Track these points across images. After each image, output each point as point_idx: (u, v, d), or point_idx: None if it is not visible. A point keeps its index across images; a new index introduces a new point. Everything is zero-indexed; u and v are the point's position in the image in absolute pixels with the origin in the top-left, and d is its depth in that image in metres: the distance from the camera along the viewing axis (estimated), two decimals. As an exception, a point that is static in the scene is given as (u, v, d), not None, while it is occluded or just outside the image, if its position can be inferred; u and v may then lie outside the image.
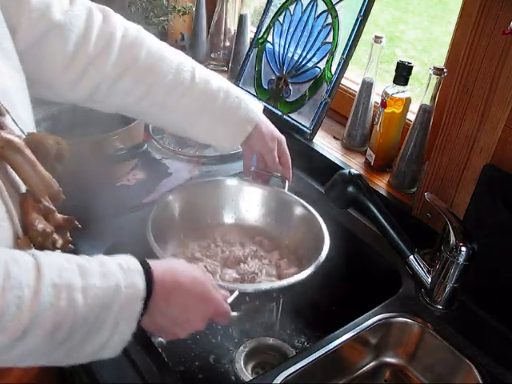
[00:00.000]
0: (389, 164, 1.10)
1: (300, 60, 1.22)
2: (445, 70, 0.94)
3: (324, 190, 0.90)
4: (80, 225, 0.63)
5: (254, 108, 0.90)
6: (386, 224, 0.84)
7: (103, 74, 0.79)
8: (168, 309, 0.61)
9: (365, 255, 0.97)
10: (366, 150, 1.13)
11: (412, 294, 0.86)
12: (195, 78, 0.84)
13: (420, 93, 1.05)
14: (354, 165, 1.13)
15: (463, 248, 0.77)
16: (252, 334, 0.96)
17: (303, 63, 1.22)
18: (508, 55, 0.77)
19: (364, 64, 1.13)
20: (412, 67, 1.01)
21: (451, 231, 0.78)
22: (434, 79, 0.95)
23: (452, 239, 0.78)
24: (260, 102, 0.93)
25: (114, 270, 0.57)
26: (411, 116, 1.05)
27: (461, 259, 0.78)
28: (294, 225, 0.94)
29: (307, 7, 1.22)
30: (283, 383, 0.70)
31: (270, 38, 1.30)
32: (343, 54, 1.14)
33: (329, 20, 1.17)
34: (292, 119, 1.22)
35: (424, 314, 0.82)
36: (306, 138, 1.18)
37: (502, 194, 0.80)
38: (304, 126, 1.19)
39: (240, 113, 0.88)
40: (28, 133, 0.60)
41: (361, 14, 1.11)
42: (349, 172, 0.86)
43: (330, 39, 1.17)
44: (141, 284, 0.57)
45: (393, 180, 1.06)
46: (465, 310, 0.84)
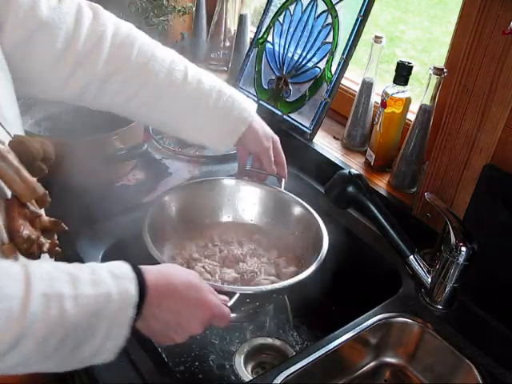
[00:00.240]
0: (389, 164, 1.10)
1: (300, 60, 1.22)
2: (445, 70, 0.94)
3: (324, 190, 0.90)
4: (67, 227, 0.63)
5: (248, 107, 0.89)
6: (386, 224, 0.84)
7: (93, 73, 0.78)
8: (161, 313, 0.61)
9: (365, 255, 0.97)
10: (366, 150, 1.13)
11: (412, 294, 0.86)
12: (187, 78, 0.84)
13: (420, 93, 1.05)
14: (354, 165, 1.13)
15: (463, 248, 0.77)
16: (252, 334, 0.96)
17: (303, 63, 1.22)
18: (508, 55, 0.77)
19: (364, 64, 1.13)
20: (412, 67, 1.01)
21: (451, 231, 0.78)
22: (434, 79, 0.95)
23: (452, 239, 0.78)
24: (254, 102, 0.91)
25: (105, 278, 0.56)
26: (411, 116, 1.05)
27: (461, 259, 0.78)
28: (292, 223, 0.94)
29: (307, 7, 1.22)
30: (283, 383, 0.70)
31: (270, 38, 1.30)
32: (343, 54, 1.14)
33: (329, 20, 1.17)
34: (292, 119, 1.22)
35: (424, 314, 0.82)
36: (306, 138, 1.18)
37: (502, 194, 0.80)
38: (304, 126, 1.19)
39: (233, 112, 0.87)
40: (14, 135, 0.59)
41: (361, 14, 1.11)
42: (349, 172, 0.86)
43: (330, 39, 1.17)
44: (133, 290, 0.57)
45: (393, 180, 1.06)
46: (465, 310, 0.84)
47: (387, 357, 0.86)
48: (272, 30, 1.30)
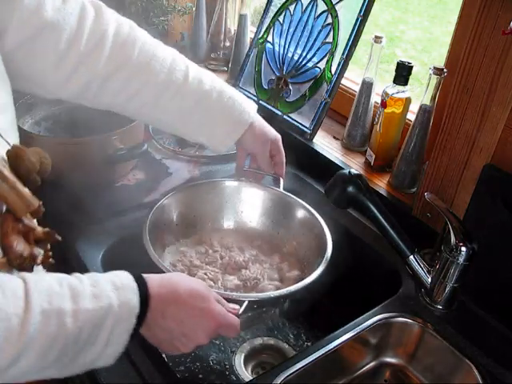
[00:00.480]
0: (389, 164, 1.10)
1: (300, 60, 1.22)
2: (445, 70, 0.94)
3: (324, 190, 0.90)
4: (60, 237, 0.62)
5: (248, 108, 0.89)
6: (386, 224, 0.84)
7: (94, 72, 0.78)
8: (165, 322, 0.61)
9: (365, 255, 0.97)
10: (366, 150, 1.13)
11: (412, 294, 0.86)
12: (188, 78, 0.84)
13: (420, 93, 1.05)
14: (354, 165, 1.13)
15: (463, 248, 0.77)
16: (252, 334, 0.96)
17: (303, 63, 1.22)
18: (508, 55, 0.77)
19: (364, 64, 1.13)
20: (412, 67, 1.01)
21: (451, 231, 0.78)
22: (434, 79, 0.95)
23: (452, 239, 0.78)
24: (254, 103, 0.91)
25: (107, 290, 0.56)
26: (411, 116, 1.05)
27: (461, 259, 0.78)
28: (294, 226, 0.94)
29: (307, 7, 1.22)
30: (283, 383, 0.70)
31: (270, 38, 1.30)
32: (343, 54, 1.14)
33: (329, 20, 1.17)
34: (292, 119, 1.22)
35: (424, 314, 0.82)
36: (306, 138, 1.18)
37: (502, 194, 0.80)
38: (304, 126, 1.19)
39: (233, 114, 0.87)
40: (13, 146, 0.58)
41: (361, 14, 1.11)
42: (349, 172, 0.86)
43: (330, 39, 1.17)
44: (134, 301, 0.57)
45: (393, 180, 1.06)
46: (465, 310, 0.84)
47: (387, 357, 0.86)
48: (272, 30, 1.30)
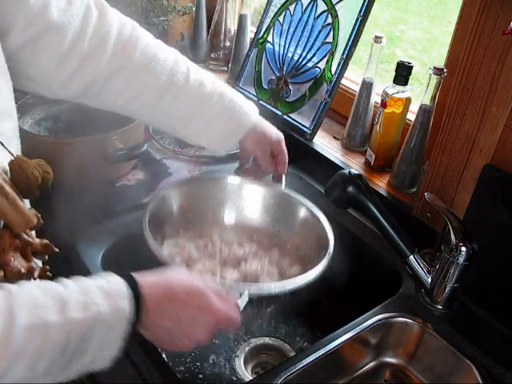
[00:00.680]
0: (389, 164, 1.10)
1: (300, 60, 1.22)
2: (445, 70, 0.94)
3: (324, 190, 0.90)
4: (57, 249, 0.61)
5: (248, 111, 0.88)
6: (386, 224, 0.84)
7: (96, 72, 0.78)
8: (161, 321, 0.60)
9: (365, 255, 0.97)
10: (366, 150, 1.13)
11: (412, 294, 0.86)
12: (189, 80, 0.83)
13: (420, 93, 1.05)
14: (354, 165, 1.13)
15: (463, 248, 0.77)
16: (252, 334, 0.96)
17: (303, 63, 1.22)
18: (508, 55, 0.77)
19: (364, 64, 1.13)
20: (412, 67, 1.01)
21: (451, 231, 0.78)
22: (434, 79, 0.95)
23: (452, 239, 0.78)
24: (255, 105, 0.91)
25: (96, 297, 0.55)
26: (411, 116, 1.05)
27: (461, 259, 0.78)
28: (295, 222, 0.93)
29: (307, 7, 1.22)
30: (283, 383, 0.70)
31: (270, 38, 1.30)
32: (343, 54, 1.14)
33: (329, 20, 1.17)
34: (292, 119, 1.22)
35: (424, 314, 0.83)
36: (306, 138, 1.18)
37: (502, 194, 0.80)
38: (304, 126, 1.19)
39: (233, 117, 0.87)
40: (16, 157, 0.58)
41: (361, 14, 1.11)
42: (349, 172, 0.86)
43: (330, 39, 1.17)
44: (126, 306, 0.56)
45: (393, 180, 1.06)
46: (465, 310, 0.84)
47: (387, 357, 0.86)
48: (272, 30, 1.30)
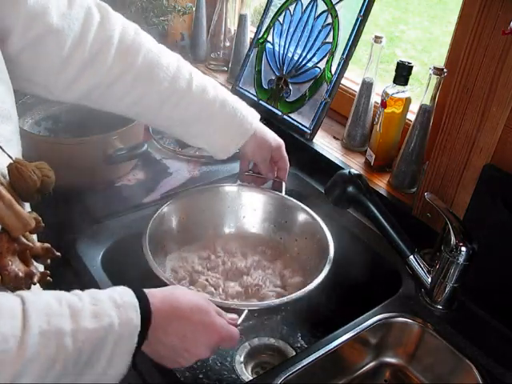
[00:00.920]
0: (389, 164, 1.10)
1: (300, 60, 1.22)
2: (445, 70, 0.94)
3: (324, 190, 0.90)
4: (58, 253, 0.61)
5: (250, 118, 0.89)
6: (386, 224, 0.84)
7: (98, 78, 0.78)
8: (167, 338, 0.60)
9: (365, 255, 0.97)
10: (366, 150, 1.13)
11: (412, 294, 0.86)
12: (192, 86, 0.84)
13: (420, 93, 1.05)
14: (354, 165, 1.13)
15: (463, 248, 0.77)
16: (252, 334, 0.96)
17: (303, 63, 1.22)
18: (508, 55, 0.77)
19: (364, 64, 1.13)
20: (412, 67, 1.01)
21: (451, 231, 0.78)
22: (434, 79, 0.95)
23: (452, 239, 0.78)
24: (256, 112, 0.92)
25: (108, 308, 0.55)
26: (411, 116, 1.05)
27: (461, 259, 0.78)
28: (296, 231, 0.93)
29: (307, 7, 1.22)
30: (283, 383, 0.70)
31: (270, 38, 1.30)
32: (343, 54, 1.14)
33: (329, 20, 1.17)
34: (292, 119, 1.22)
35: (424, 314, 0.82)
36: (306, 138, 1.18)
37: (502, 194, 0.80)
38: (304, 126, 1.19)
39: (235, 123, 0.88)
40: (15, 160, 0.57)
41: (361, 14, 1.11)
42: (349, 172, 0.86)
43: (330, 39, 1.17)
44: (136, 319, 0.56)
45: (393, 180, 1.06)
46: (465, 310, 0.84)
47: (387, 357, 0.86)
48: (272, 30, 1.30)
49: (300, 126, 1.20)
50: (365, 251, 0.96)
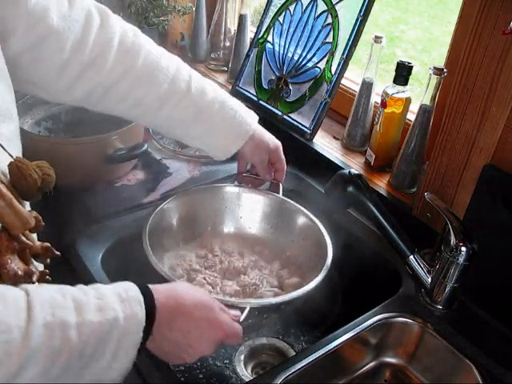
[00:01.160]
0: (389, 164, 1.10)
1: (300, 60, 1.22)
2: (445, 70, 0.94)
3: (324, 190, 0.90)
4: (58, 252, 0.61)
5: (249, 120, 0.89)
6: (386, 224, 0.84)
7: (98, 80, 0.78)
8: (170, 333, 0.61)
9: (365, 255, 0.97)
10: (366, 150, 1.13)
11: (412, 294, 0.86)
12: (191, 88, 0.84)
13: (420, 93, 1.05)
14: (354, 165, 1.13)
15: (463, 248, 0.77)
16: (252, 335, 0.96)
17: (303, 63, 1.22)
18: (508, 55, 0.77)
19: (364, 64, 1.13)
20: (412, 67, 1.01)
21: (451, 231, 0.78)
22: (434, 79, 0.95)
23: (452, 239, 0.78)
24: (255, 114, 0.92)
25: (112, 302, 0.55)
26: (411, 116, 1.05)
27: (461, 259, 0.78)
28: (294, 232, 0.93)
29: (307, 7, 1.22)
30: (283, 383, 0.70)
31: (270, 38, 1.30)
32: (343, 54, 1.14)
33: (329, 20, 1.17)
34: (292, 119, 1.22)
35: (424, 314, 0.82)
36: (306, 138, 1.18)
37: (502, 194, 0.80)
38: (304, 126, 1.19)
39: (233, 125, 0.88)
40: (15, 159, 0.57)
41: (361, 14, 1.11)
42: (349, 172, 0.86)
43: (330, 39, 1.17)
44: (140, 314, 0.57)
45: (393, 180, 1.06)
46: (465, 310, 0.84)
47: (387, 357, 0.86)
48: (272, 30, 1.30)
49: (300, 126, 1.20)
50: (365, 251, 0.97)
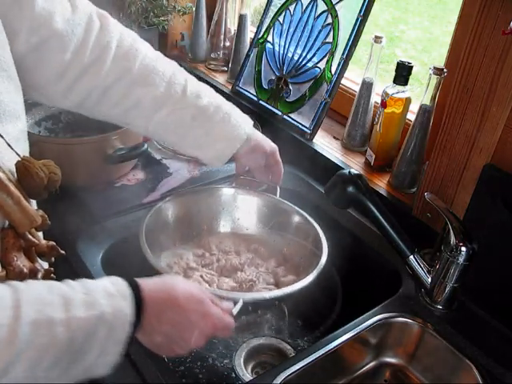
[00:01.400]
0: (389, 164, 1.10)
1: (300, 60, 1.22)
2: (445, 70, 0.94)
3: (324, 190, 0.90)
4: (63, 251, 0.62)
5: (243, 124, 0.90)
6: (386, 224, 0.84)
7: (95, 83, 0.79)
8: (161, 326, 0.61)
9: (365, 255, 0.97)
10: (366, 150, 1.13)
11: (412, 294, 0.86)
12: (186, 92, 0.84)
13: (420, 93, 1.05)
14: (354, 165, 1.13)
15: (463, 248, 0.77)
16: (252, 335, 0.96)
17: (303, 63, 1.22)
18: (508, 55, 0.77)
19: (364, 64, 1.13)
20: (412, 67, 1.01)
21: (451, 231, 0.78)
22: (434, 79, 0.95)
23: (452, 239, 0.78)
24: (250, 119, 0.93)
25: (99, 298, 0.56)
26: (411, 116, 1.05)
27: (461, 259, 0.78)
28: (290, 232, 0.94)
29: (307, 7, 1.22)
30: (283, 383, 0.70)
31: (270, 38, 1.30)
32: (343, 54, 1.14)
33: (329, 20, 1.17)
34: (292, 119, 1.22)
35: (424, 314, 0.82)
36: (306, 138, 1.18)
37: (502, 194, 0.80)
38: (304, 126, 1.19)
39: (229, 129, 0.88)
40: (22, 158, 0.58)
41: (361, 14, 1.11)
42: (349, 172, 0.86)
43: (330, 39, 1.17)
44: (127, 309, 0.57)
45: (393, 180, 1.06)
46: (465, 310, 0.84)
47: (387, 357, 0.86)
48: (272, 30, 1.30)
49: (300, 126, 1.20)
50: (365, 251, 0.97)
